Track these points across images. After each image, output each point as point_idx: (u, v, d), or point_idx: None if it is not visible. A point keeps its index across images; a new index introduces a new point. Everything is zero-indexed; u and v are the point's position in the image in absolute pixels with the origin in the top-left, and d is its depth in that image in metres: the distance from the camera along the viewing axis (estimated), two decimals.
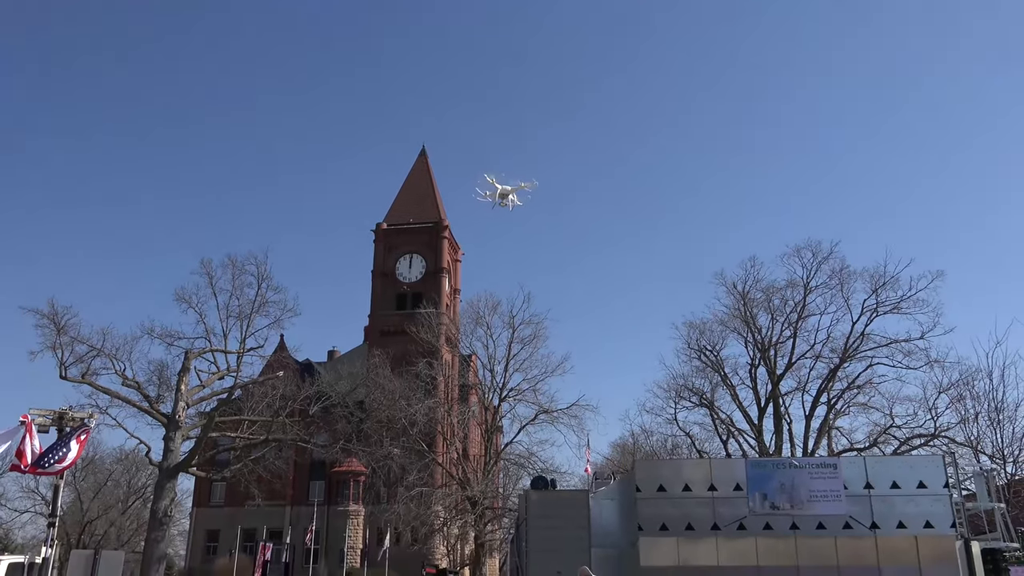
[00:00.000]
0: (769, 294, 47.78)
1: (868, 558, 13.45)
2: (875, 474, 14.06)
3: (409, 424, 46.68)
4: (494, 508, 48.79)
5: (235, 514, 58.94)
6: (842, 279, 46.26)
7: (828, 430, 45.30)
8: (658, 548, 13.74)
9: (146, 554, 37.81)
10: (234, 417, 42.69)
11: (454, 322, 67.31)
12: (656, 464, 21.96)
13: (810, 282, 47.03)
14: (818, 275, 46.92)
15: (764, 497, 13.88)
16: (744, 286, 47.99)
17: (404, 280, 72.17)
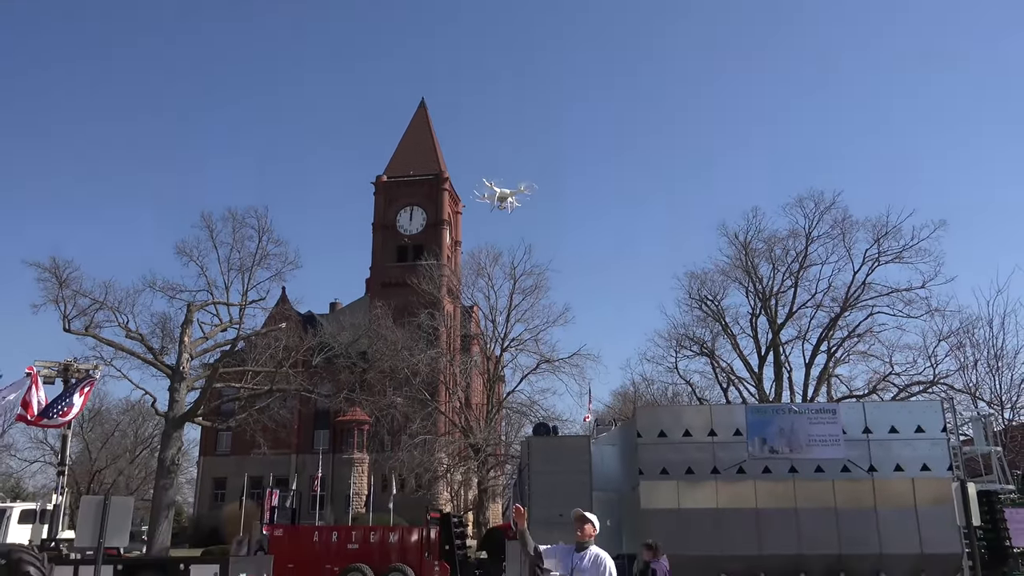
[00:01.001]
0: (771, 244, 47.76)
1: (865, 500, 13.64)
2: (874, 419, 14.19)
3: (412, 374, 47.05)
4: (496, 455, 49.42)
5: (241, 462, 59.73)
6: (844, 229, 46.20)
7: (828, 378, 45.63)
8: (658, 491, 13.93)
9: (155, 501, 38.41)
10: (238, 368, 42.98)
11: (455, 274, 67.36)
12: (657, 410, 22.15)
13: (812, 232, 46.97)
14: (820, 225, 46.84)
15: (763, 442, 14.04)
16: (746, 236, 47.96)
17: (405, 232, 72.08)
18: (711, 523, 13.69)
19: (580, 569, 6.66)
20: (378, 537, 29.68)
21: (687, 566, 13.60)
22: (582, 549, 6.79)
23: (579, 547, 6.82)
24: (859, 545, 13.49)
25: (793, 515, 13.63)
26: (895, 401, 34.26)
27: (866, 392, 43.62)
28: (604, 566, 6.67)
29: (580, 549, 6.80)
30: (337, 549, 29.27)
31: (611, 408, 58.34)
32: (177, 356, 39.43)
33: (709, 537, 13.62)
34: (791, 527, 13.58)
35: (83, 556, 22.44)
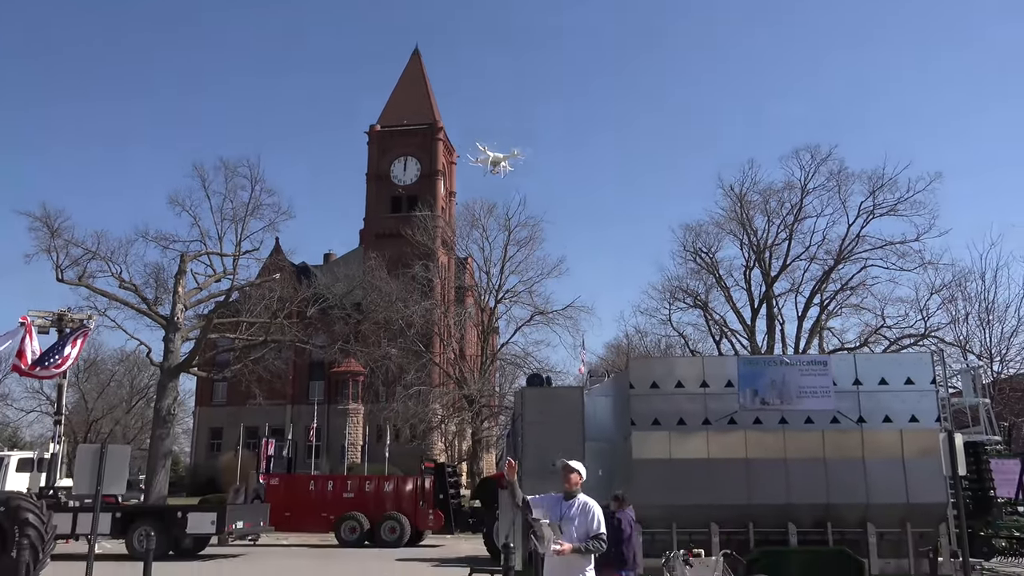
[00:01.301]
0: (766, 196, 47.72)
1: (854, 451, 13.82)
2: (864, 371, 14.29)
3: (406, 325, 47.25)
4: (490, 406, 49.91)
5: (237, 412, 60.19)
6: (840, 181, 46.15)
7: (820, 330, 45.96)
8: (650, 442, 14.08)
9: (152, 450, 38.77)
10: (232, 319, 43.07)
11: (450, 225, 67.21)
12: (650, 362, 22.32)
13: (807, 184, 46.92)
14: (816, 177, 46.78)
15: (755, 393, 14.15)
16: (741, 188, 47.88)
17: (399, 183, 71.68)
18: (702, 473, 13.86)
19: (568, 517, 6.76)
20: (373, 486, 30.10)
21: (678, 515, 13.83)
22: (570, 497, 6.90)
23: (567, 496, 6.92)
24: (847, 495, 13.70)
25: (783, 465, 13.81)
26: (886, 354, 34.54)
27: (857, 345, 43.99)
28: (592, 514, 6.78)
29: (568, 498, 6.90)
30: (333, 498, 29.71)
31: (605, 360, 58.77)
32: (171, 306, 39.44)
33: (700, 487, 13.81)
34: (780, 477, 13.77)
35: (81, 503, 22.76)
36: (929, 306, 42.66)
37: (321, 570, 20.51)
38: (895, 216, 45.49)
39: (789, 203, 47.30)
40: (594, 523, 6.74)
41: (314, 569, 20.83)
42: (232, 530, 23.45)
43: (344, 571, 20.04)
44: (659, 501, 13.87)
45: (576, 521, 6.74)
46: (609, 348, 66.43)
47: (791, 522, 13.76)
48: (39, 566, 15.20)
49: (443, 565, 21.91)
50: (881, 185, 45.16)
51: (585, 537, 6.68)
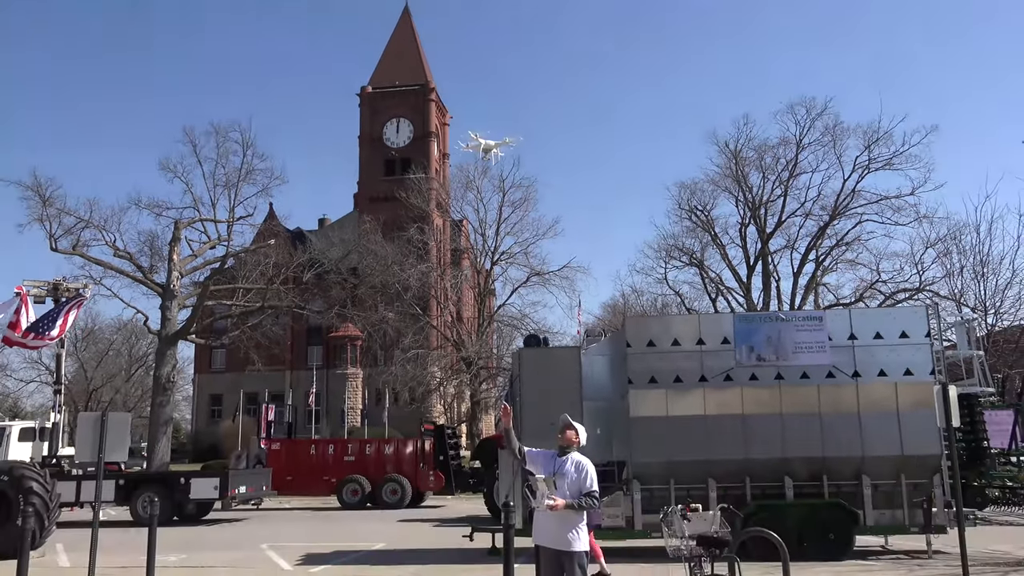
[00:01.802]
0: (761, 152, 47.57)
1: (849, 404, 13.92)
2: (859, 326, 14.35)
3: (403, 289, 47.28)
4: (488, 367, 50.17)
5: (236, 379, 60.48)
6: (835, 136, 45.98)
7: (815, 286, 46.12)
8: (647, 399, 14.18)
9: (152, 418, 39.03)
10: (228, 286, 43.10)
11: (444, 187, 66.95)
12: (646, 320, 22.38)
13: (803, 139, 46.75)
14: (811, 132, 46.60)
15: (751, 349, 14.21)
16: (736, 145, 47.70)
17: (392, 145, 71.20)
18: (699, 429, 13.99)
19: (562, 473, 6.79)
20: (374, 449, 30.39)
21: (676, 471, 13.99)
22: (564, 454, 6.92)
23: (561, 452, 6.94)
24: (842, 448, 13.85)
25: (779, 420, 13.93)
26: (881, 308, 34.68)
27: (853, 300, 44.18)
28: (585, 471, 6.81)
29: (562, 454, 6.93)
30: (334, 461, 30.01)
31: (601, 320, 58.97)
32: (167, 274, 39.43)
33: (697, 443, 13.95)
34: (776, 432, 13.90)
35: (84, 471, 22.96)
36: (924, 260, 42.83)
37: (324, 532, 20.77)
38: (890, 170, 45.45)
39: (784, 159, 47.20)
40: (587, 480, 6.78)
41: (318, 531, 21.10)
42: (235, 495, 23.72)
43: (347, 532, 20.30)
44: (657, 458, 14.03)
45: (569, 477, 6.77)
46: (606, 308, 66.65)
47: (787, 476, 13.93)
48: (45, 533, 15.38)
49: (444, 525, 22.20)
50: (876, 139, 45.06)
51: (578, 494, 6.72)
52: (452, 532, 18.25)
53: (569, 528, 6.69)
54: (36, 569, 11.33)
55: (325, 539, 18.61)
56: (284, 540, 18.54)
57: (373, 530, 20.54)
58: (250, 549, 17.04)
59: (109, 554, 14.14)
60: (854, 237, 45.38)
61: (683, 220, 49.12)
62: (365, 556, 15.58)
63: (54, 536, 16.39)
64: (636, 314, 46.74)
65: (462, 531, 15.86)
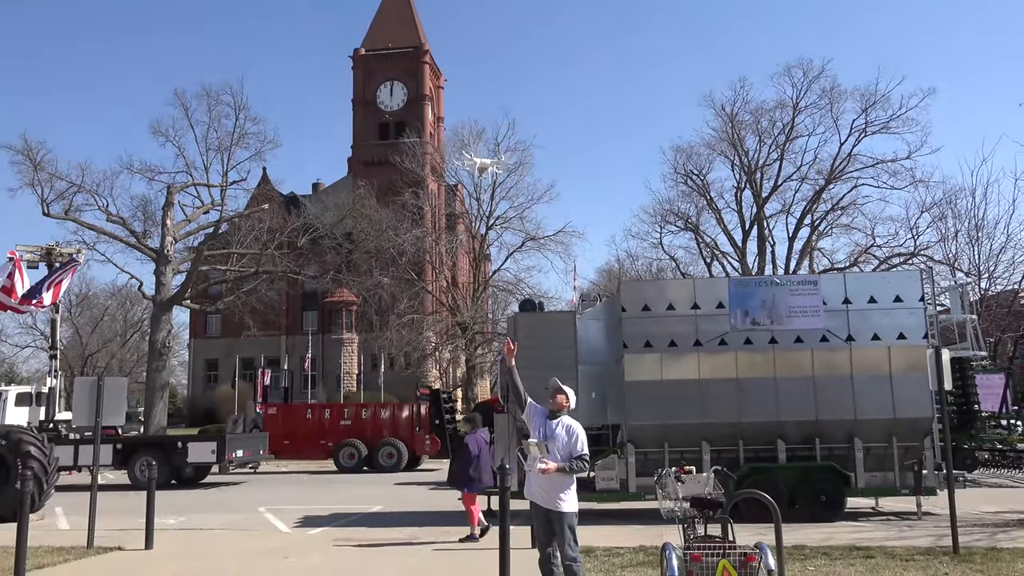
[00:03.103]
0: (757, 116, 47.34)
1: (842, 368, 14.02)
2: (854, 290, 14.40)
3: (398, 254, 47.21)
4: (484, 332, 50.29)
5: (232, 344, 60.61)
6: (832, 99, 45.77)
7: (810, 251, 46.20)
8: (642, 364, 14.27)
9: (149, 383, 39.14)
10: (222, 251, 43.01)
11: (439, 151, 66.57)
12: (641, 285, 22.44)
13: (799, 102, 46.52)
14: (808, 95, 46.36)
15: (746, 314, 14.27)
16: (732, 108, 47.44)
17: (386, 109, 70.69)
18: (693, 393, 14.09)
19: (553, 436, 6.94)
20: (370, 413, 30.58)
21: (670, 434, 14.13)
22: (554, 417, 7.07)
23: (551, 415, 7.09)
24: (835, 411, 13.98)
25: (772, 384, 14.04)
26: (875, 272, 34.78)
27: (848, 265, 44.30)
28: (576, 436, 6.96)
29: (552, 417, 7.08)
30: (331, 425, 30.19)
31: (596, 284, 59.07)
32: (160, 239, 39.32)
33: (692, 407, 14.07)
34: (770, 395, 14.02)
35: (82, 436, 23.09)
36: (919, 224, 42.88)
37: (322, 495, 20.98)
38: (887, 134, 45.36)
39: (781, 122, 46.99)
40: (577, 444, 6.94)
41: (315, 494, 21.30)
42: (232, 458, 23.89)
43: (344, 496, 20.51)
44: (651, 421, 14.16)
45: (560, 441, 6.93)
46: (601, 272, 66.76)
47: (780, 439, 14.09)
48: (44, 497, 15.51)
49: (440, 488, 22.39)
50: (874, 102, 44.87)
51: (569, 457, 6.89)
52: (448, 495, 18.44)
53: (559, 490, 6.88)
54: (36, 531, 11.46)
55: (322, 502, 18.81)
56: (281, 503, 18.73)
57: (370, 493, 20.75)
58: (248, 512, 17.22)
59: (108, 517, 14.28)
60: (850, 201, 45.40)
61: (678, 184, 49.07)
62: (362, 518, 15.76)
63: (53, 500, 16.52)
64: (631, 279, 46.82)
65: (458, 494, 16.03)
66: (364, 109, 70.91)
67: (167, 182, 41.20)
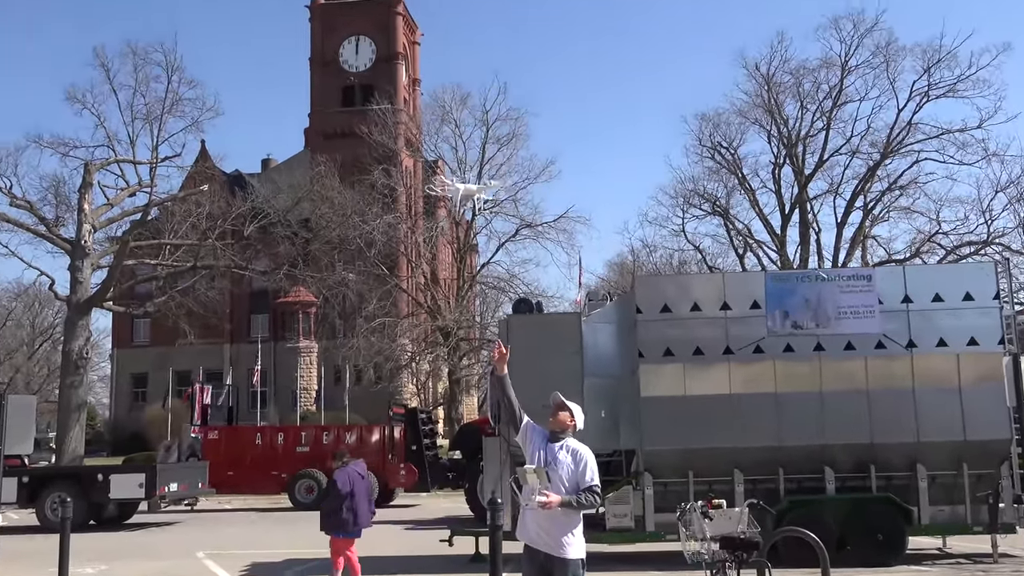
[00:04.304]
0: (799, 77, 47.44)
1: (902, 379, 14.04)
2: (915, 286, 14.43)
3: (365, 244, 47.16)
4: (470, 339, 50.29)
5: (164, 355, 60.36)
6: (888, 56, 45.88)
7: (863, 239, 46.35)
8: (661, 376, 14.27)
9: (62, 402, 39.01)
10: (152, 241, 42.88)
11: (414, 120, 66.54)
12: (660, 281, 22.47)
13: (849, 61, 46.66)
14: (859, 52, 46.51)
15: (785, 315, 14.30)
16: (769, 67, 47.55)
17: (350, 69, 70.58)
18: (723, 411, 14.10)
19: (555, 462, 6.61)
20: (332, 438, 30.52)
21: (695, 461, 14.11)
22: (556, 440, 6.76)
23: (553, 437, 6.78)
24: (893, 432, 14.00)
25: (818, 399, 14.05)
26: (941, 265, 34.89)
27: (908, 256, 44.45)
28: (584, 462, 6.65)
29: (554, 440, 6.76)
30: (285, 453, 30.13)
31: (606, 281, 59.12)
32: (77, 227, 39.15)
33: (720, 427, 14.06)
34: (815, 413, 14.03)
35: None
36: (993, 207, 43.05)
37: (274, 537, 20.93)
38: (954, 98, 45.51)
39: (827, 85, 47.13)
40: (586, 472, 6.62)
41: (265, 536, 21.25)
42: (164, 494, 23.81)
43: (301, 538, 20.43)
44: (672, 445, 14.16)
45: (564, 468, 6.59)
46: (611, 266, 66.84)
47: (827, 466, 14.10)
48: None
49: (418, 527, 22.41)
50: (938, 61, 45.00)
51: (575, 489, 6.55)
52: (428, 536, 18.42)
53: (563, 530, 6.55)
54: None
55: (275, 545, 18.75)
56: (225, 547, 18.67)
57: None
58: (183, 558, 17.15)
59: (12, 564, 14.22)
60: (910, 179, 45.55)
61: (704, 159, 49.16)
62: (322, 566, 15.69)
63: None
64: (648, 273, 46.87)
65: (440, 535, 16.04)
66: (324, 70, 70.77)
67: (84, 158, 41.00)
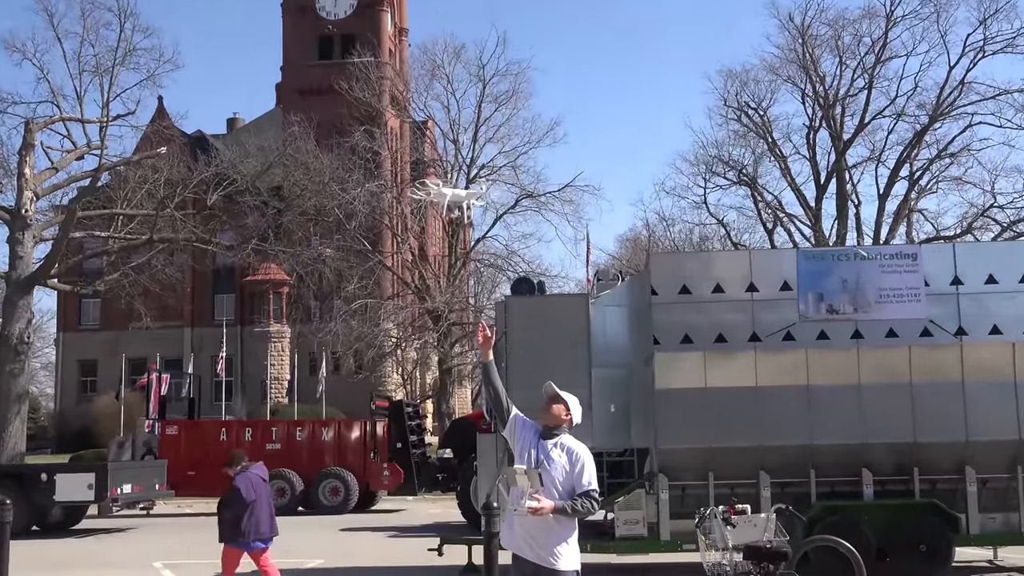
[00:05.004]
0: (838, 29, 47.35)
1: (950, 371, 14.06)
2: (966, 266, 14.42)
3: (345, 216, 47.09)
4: (463, 324, 50.32)
5: (117, 339, 60.44)
6: (939, 6, 45.85)
7: (908, 213, 46.38)
8: (679, 366, 14.29)
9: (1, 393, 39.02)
10: (103, 211, 42.78)
11: (401, 75, 66.30)
12: (678, 258, 22.52)
13: (895, 11, 46.59)
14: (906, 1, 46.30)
15: (820, 298, 14.32)
16: (804, 18, 47.47)
17: (328, 17, 70.22)
18: (748, 406, 14.13)
19: (548, 462, 6.53)
20: (307, 434, 30.62)
21: (716, 462, 14.16)
22: (550, 436, 6.67)
23: (546, 433, 6.70)
24: (940, 430, 14.03)
25: (856, 393, 14.08)
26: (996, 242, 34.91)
27: (958, 232, 44.47)
28: (580, 463, 6.56)
29: (547, 436, 6.68)
30: (252, 450, 30.10)
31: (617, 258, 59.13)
32: (16, 195, 39.04)
33: (745, 424, 14.10)
34: (853, 409, 14.06)
35: None
36: None
37: None
38: (1013, 54, 45.49)
39: (869, 38, 47.06)
40: (583, 475, 6.53)
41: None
42: (117, 496, 23.85)
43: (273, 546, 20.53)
44: (690, 443, 14.20)
45: (558, 469, 6.51)
46: (623, 242, 66.97)
47: (865, 468, 14.16)
48: None
49: (404, 535, 22.49)
50: (995, 11, 44.93)
51: (570, 492, 6.50)
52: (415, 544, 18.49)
53: (556, 539, 6.51)
54: None
55: None
56: (184, 557, 18.74)
57: (307, 542, 20.78)
58: (138, 568, 17.23)
59: None
60: (962, 146, 45.53)
61: (730, 122, 49.12)
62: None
63: None
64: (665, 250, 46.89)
65: (428, 543, 16.09)
66: (298, 17, 70.43)
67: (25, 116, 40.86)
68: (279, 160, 52.35)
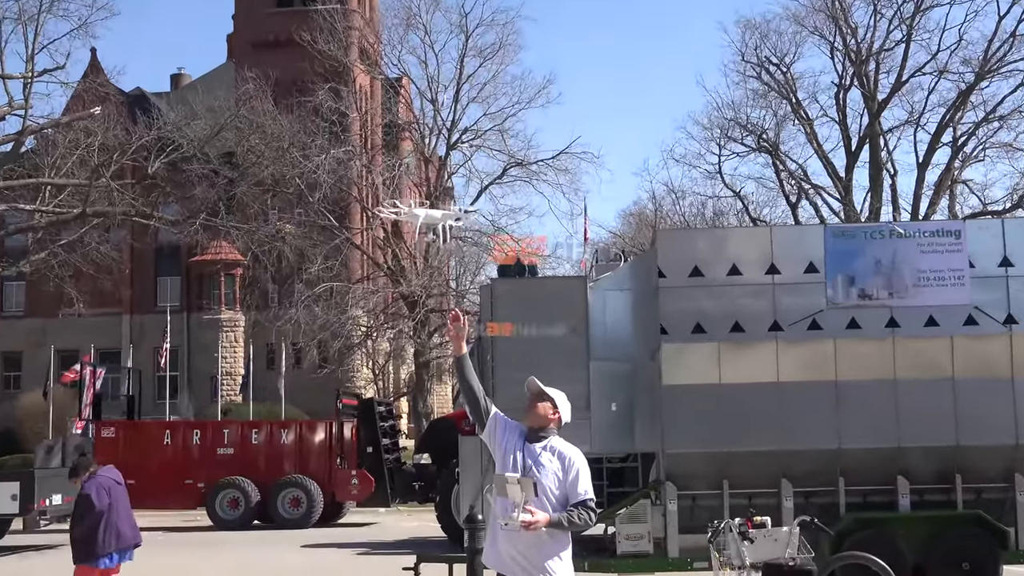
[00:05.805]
0: None
1: (998, 365, 14.12)
2: (1017, 244, 14.46)
3: (308, 187, 46.94)
4: (442, 310, 50.29)
5: (44, 328, 60.25)
6: None
7: (951, 184, 46.45)
8: (690, 359, 14.33)
9: None
10: (28, 180, 42.64)
11: (371, 26, 65.99)
12: (689, 236, 22.56)
13: None
14: None
15: (850, 281, 14.36)
16: None
17: None
18: (768, 404, 14.19)
19: (539, 469, 6.43)
20: (264, 437, 30.62)
21: (731, 468, 14.22)
22: (536, 439, 6.57)
23: (532, 435, 6.60)
24: (985, 432, 14.10)
25: (891, 389, 14.13)
26: None
27: (1008, 206, 44.59)
28: (574, 469, 6.47)
29: (534, 439, 6.57)
30: (202, 456, 30.21)
31: (619, 236, 59.18)
32: None
33: (765, 425, 14.16)
34: (887, 408, 14.12)
35: None
36: None
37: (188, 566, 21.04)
38: None
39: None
40: (578, 482, 6.44)
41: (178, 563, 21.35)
42: (45, 508, 23.84)
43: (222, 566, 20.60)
44: (703, 447, 14.25)
45: (550, 477, 6.42)
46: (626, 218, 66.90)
47: (901, 475, 14.23)
48: None
49: (376, 552, 22.55)
50: None
51: (563, 502, 6.43)
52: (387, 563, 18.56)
53: (548, 554, 6.46)
54: None
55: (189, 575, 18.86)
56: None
57: (264, 560, 20.85)
58: None
59: None
60: (1012, 108, 45.57)
61: (748, 80, 49.05)
62: None
63: None
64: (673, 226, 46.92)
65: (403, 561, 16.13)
66: None
67: None
68: (231, 122, 52.09)
